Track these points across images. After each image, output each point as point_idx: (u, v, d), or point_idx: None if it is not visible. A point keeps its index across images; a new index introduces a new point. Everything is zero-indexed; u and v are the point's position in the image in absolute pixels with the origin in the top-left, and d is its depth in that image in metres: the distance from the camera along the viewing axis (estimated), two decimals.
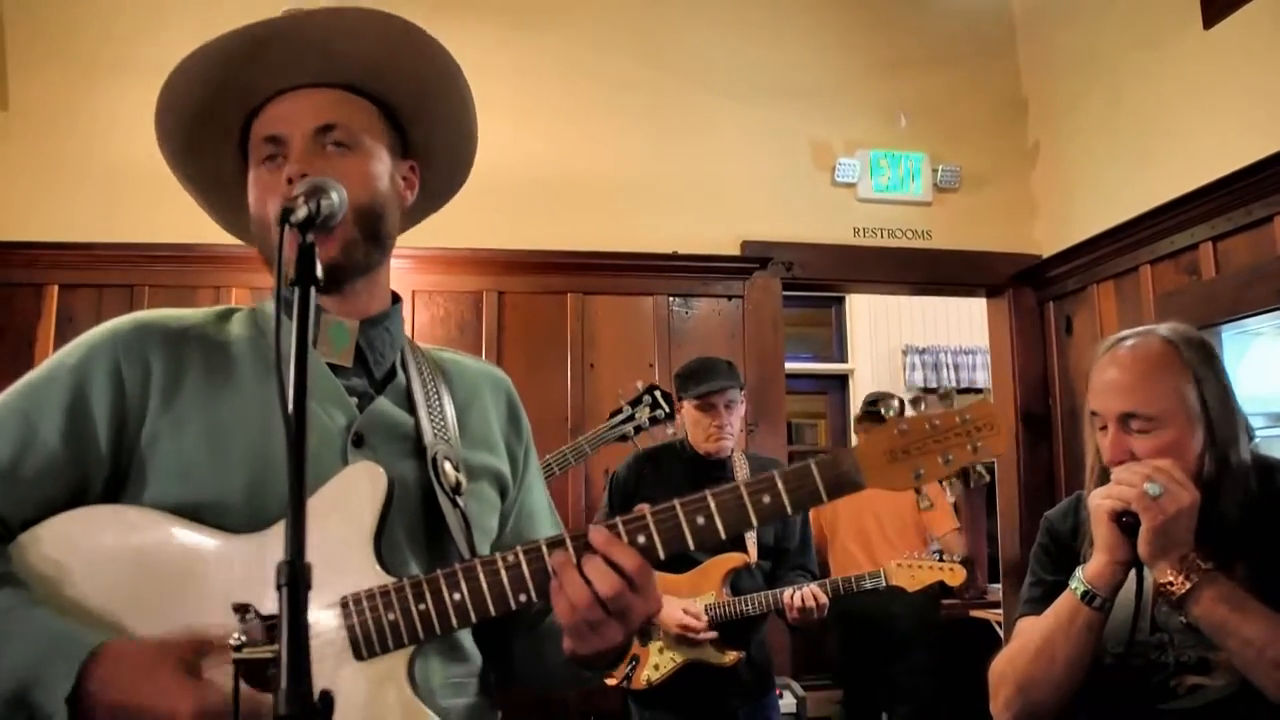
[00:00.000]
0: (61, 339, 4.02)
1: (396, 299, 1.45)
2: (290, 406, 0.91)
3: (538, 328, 4.43)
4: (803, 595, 3.14)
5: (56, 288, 4.12)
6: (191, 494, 1.20)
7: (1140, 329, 1.72)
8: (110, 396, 1.23)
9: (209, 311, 1.38)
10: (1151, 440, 1.59)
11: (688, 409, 3.40)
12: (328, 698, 0.79)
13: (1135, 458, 1.60)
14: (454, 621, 1.17)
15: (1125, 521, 1.54)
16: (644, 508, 1.20)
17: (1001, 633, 5.24)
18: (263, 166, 1.30)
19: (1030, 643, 1.67)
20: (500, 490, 1.44)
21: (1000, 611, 5.37)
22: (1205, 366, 1.65)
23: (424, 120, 1.44)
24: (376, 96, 1.37)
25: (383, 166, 1.35)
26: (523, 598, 1.18)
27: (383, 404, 1.34)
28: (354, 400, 1.32)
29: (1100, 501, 1.58)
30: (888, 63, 4.93)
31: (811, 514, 5.11)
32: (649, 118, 4.69)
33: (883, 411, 1.23)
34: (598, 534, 1.17)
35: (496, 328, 4.37)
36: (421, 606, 1.16)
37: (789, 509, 1.18)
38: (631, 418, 3.47)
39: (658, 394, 3.50)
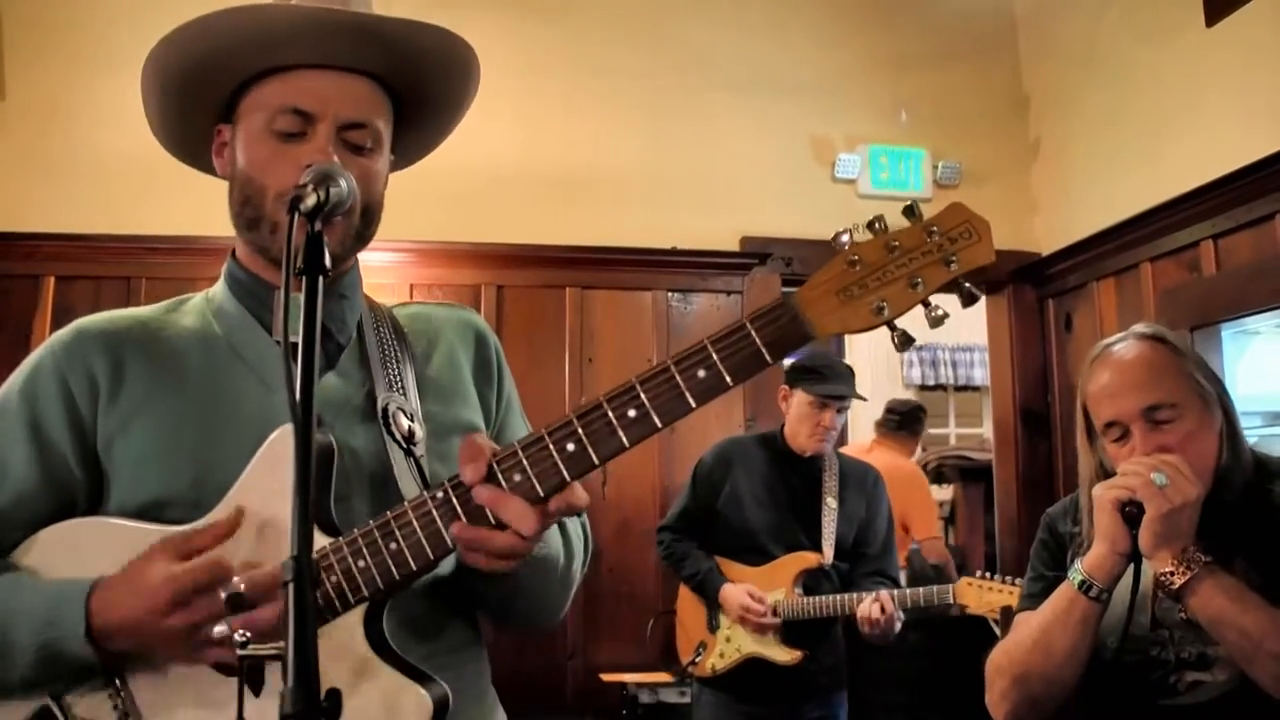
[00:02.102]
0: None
1: (354, 262, 1.41)
2: (298, 409, 0.91)
3: (537, 322, 4.42)
4: (869, 606, 3.07)
5: (53, 279, 4.09)
6: (145, 493, 1.21)
7: (1116, 335, 1.72)
8: (63, 413, 1.24)
9: (159, 305, 1.38)
10: (1179, 428, 1.59)
11: (799, 400, 3.35)
12: (335, 695, 0.78)
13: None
14: (396, 572, 1.12)
15: (1129, 511, 1.54)
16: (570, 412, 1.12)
17: (998, 630, 5.22)
18: (275, 133, 1.26)
19: (1028, 635, 1.67)
20: None
21: (997, 622, 5.35)
22: (1196, 356, 1.67)
23: (420, 130, 1.43)
24: (393, 93, 1.35)
25: (385, 169, 1.35)
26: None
27: (330, 380, 1.31)
28: None
29: (1105, 491, 1.57)
30: (889, 58, 4.91)
31: None
32: (649, 112, 4.67)
33: (833, 245, 1.09)
34: (482, 492, 1.10)
35: (495, 322, 4.35)
36: (361, 563, 1.12)
37: (729, 380, 1.05)
38: None
39: None
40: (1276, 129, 3.47)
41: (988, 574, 3.21)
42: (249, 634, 0.93)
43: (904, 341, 1.07)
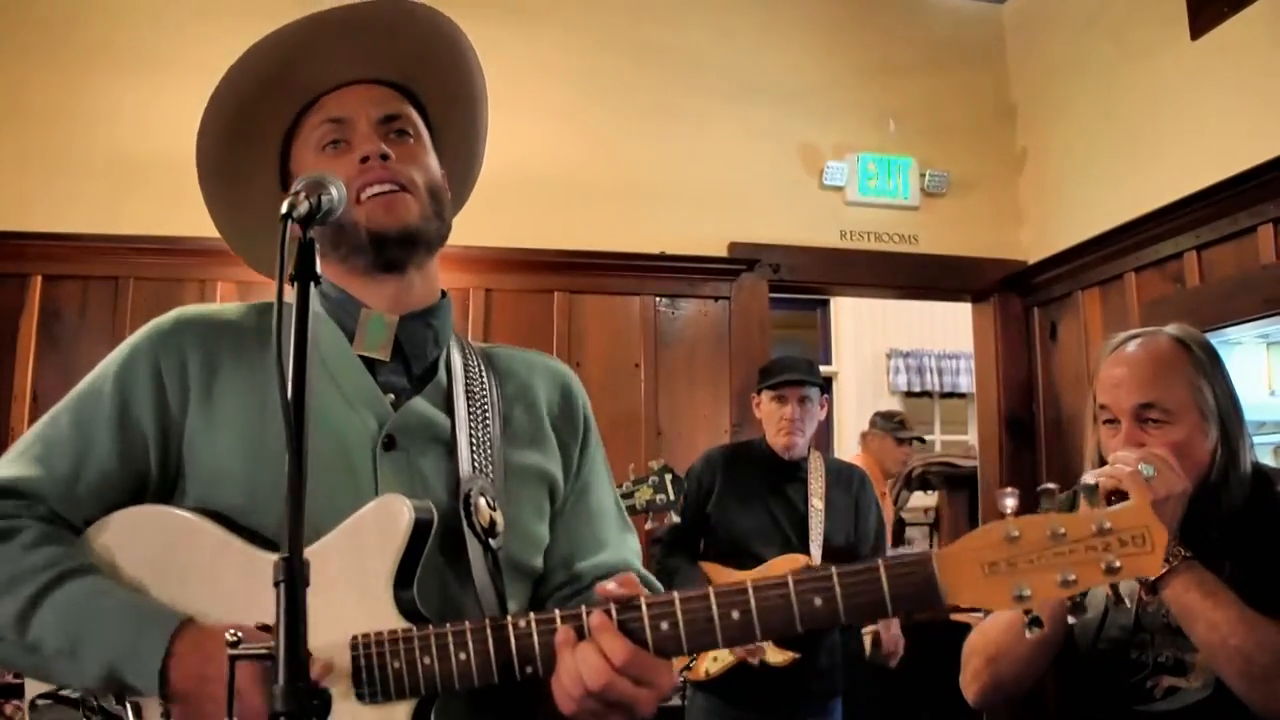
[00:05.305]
0: (45, 331, 4.01)
1: (444, 294, 1.44)
2: (291, 408, 0.91)
3: (525, 326, 4.42)
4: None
5: (40, 279, 4.08)
6: (225, 499, 1.21)
7: (1146, 329, 1.71)
8: (153, 402, 1.25)
9: (250, 306, 1.38)
10: (1166, 435, 1.59)
11: (764, 402, 3.48)
12: (325, 695, 0.78)
13: None
14: (457, 683, 1.10)
15: (1114, 502, 1.50)
16: (674, 593, 1.07)
17: None
18: (324, 153, 1.31)
19: (1003, 617, 1.68)
20: (550, 491, 1.39)
21: (980, 614, 5.38)
22: (1214, 367, 1.66)
23: (450, 127, 1.47)
24: (415, 99, 1.41)
25: (434, 159, 1.39)
26: (529, 670, 1.09)
27: (418, 404, 1.30)
28: (390, 398, 1.30)
29: (1092, 479, 1.57)
30: (878, 67, 4.94)
31: None
32: (639, 118, 4.68)
33: (1006, 504, 1.01)
34: (596, 617, 1.06)
35: (484, 326, 4.36)
36: (426, 660, 1.10)
37: (843, 617, 1.01)
38: (629, 496, 3.24)
39: (667, 478, 3.27)
40: (1260, 141, 3.51)
41: None
42: (240, 633, 0.93)
43: (1034, 624, 0.99)
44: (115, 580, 1.19)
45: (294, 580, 0.82)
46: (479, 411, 1.34)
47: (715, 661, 3.30)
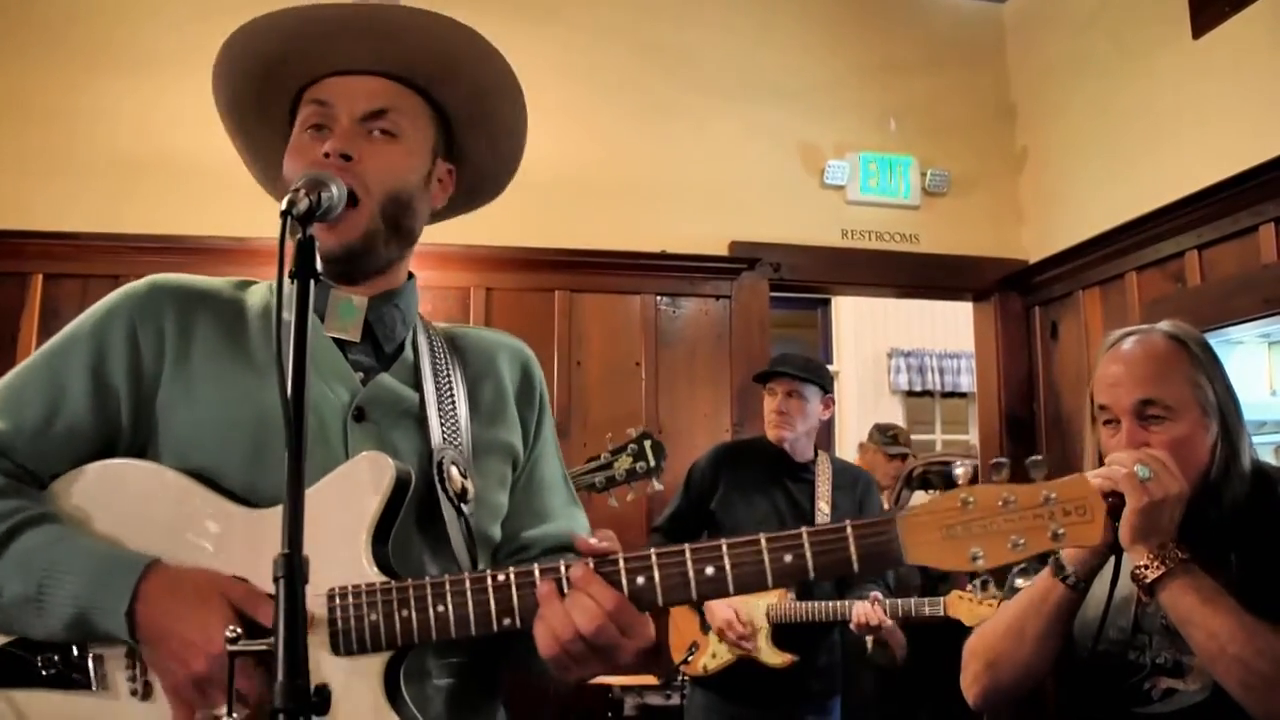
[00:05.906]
0: (46, 330, 4.01)
1: (410, 276, 1.44)
2: (290, 408, 0.91)
3: (525, 325, 4.41)
4: (864, 613, 3.11)
5: (41, 277, 4.08)
6: (200, 460, 1.22)
7: (1141, 326, 1.70)
8: (127, 360, 1.26)
9: (228, 280, 1.40)
10: (1167, 431, 1.58)
11: (764, 397, 3.52)
12: (324, 692, 0.78)
13: None
14: (434, 634, 1.13)
15: (1110, 502, 1.50)
16: (651, 549, 1.13)
17: None
18: (306, 132, 1.32)
19: (1002, 620, 1.69)
20: (511, 463, 1.43)
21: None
22: (1211, 362, 1.64)
23: (474, 129, 1.47)
24: (430, 96, 1.39)
25: (420, 162, 1.37)
26: (507, 622, 1.13)
27: (385, 379, 1.33)
28: (359, 375, 1.32)
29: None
30: (878, 66, 4.95)
31: None
32: (640, 117, 4.69)
33: (955, 473, 1.12)
34: (577, 569, 1.12)
35: (484, 325, 4.36)
36: (404, 613, 1.13)
37: (811, 573, 1.07)
38: (608, 466, 3.15)
39: (647, 444, 3.16)
40: (1262, 140, 3.51)
41: (977, 586, 3.21)
42: (239, 630, 0.93)
43: (989, 599, 1.07)
44: (84, 530, 1.20)
45: (293, 577, 0.82)
46: (445, 389, 1.37)
47: (714, 658, 3.30)
